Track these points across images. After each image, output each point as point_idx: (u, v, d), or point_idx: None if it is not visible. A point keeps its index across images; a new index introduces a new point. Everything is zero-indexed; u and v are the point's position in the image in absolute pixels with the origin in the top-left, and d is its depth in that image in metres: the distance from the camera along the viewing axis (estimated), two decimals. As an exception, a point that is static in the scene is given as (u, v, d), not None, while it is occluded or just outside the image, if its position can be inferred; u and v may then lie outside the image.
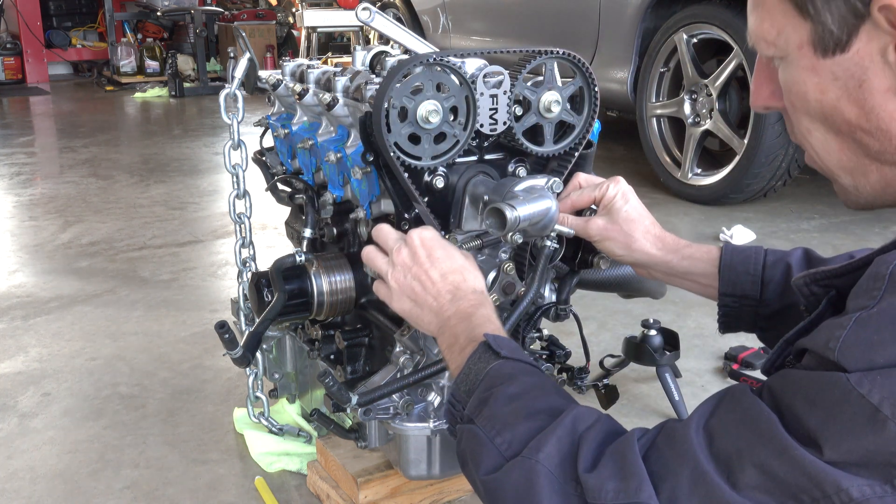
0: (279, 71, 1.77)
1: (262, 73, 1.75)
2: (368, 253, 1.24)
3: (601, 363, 2.14)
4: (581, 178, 1.37)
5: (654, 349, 1.96)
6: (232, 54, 1.68)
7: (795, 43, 0.82)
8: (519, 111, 1.31)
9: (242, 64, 1.60)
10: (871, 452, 0.71)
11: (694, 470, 0.80)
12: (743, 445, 0.78)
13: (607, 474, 0.83)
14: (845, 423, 0.72)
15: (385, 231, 1.23)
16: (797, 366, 0.81)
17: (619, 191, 1.30)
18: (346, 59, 6.00)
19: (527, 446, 0.89)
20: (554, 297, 1.49)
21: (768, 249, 1.26)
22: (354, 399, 1.26)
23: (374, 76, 1.45)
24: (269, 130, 1.76)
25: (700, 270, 1.27)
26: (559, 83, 1.32)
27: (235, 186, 1.67)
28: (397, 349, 1.42)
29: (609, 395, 1.91)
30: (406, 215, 1.32)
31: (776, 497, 0.75)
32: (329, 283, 1.48)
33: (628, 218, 1.28)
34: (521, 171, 1.37)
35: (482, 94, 1.27)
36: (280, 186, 1.73)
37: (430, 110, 1.23)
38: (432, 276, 1.15)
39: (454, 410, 1.02)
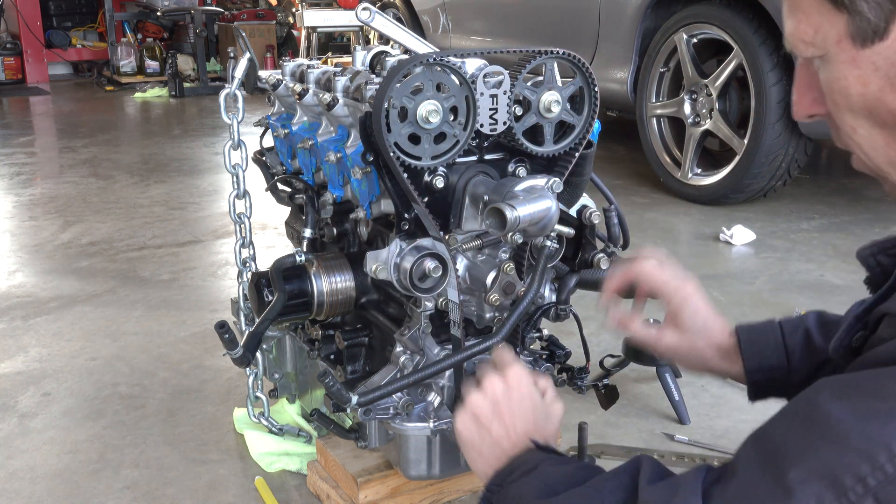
0: (279, 71, 1.77)
1: (262, 73, 1.75)
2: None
3: (601, 363, 2.14)
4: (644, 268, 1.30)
5: (654, 349, 1.95)
6: (232, 54, 1.68)
7: (834, 38, 0.81)
8: (519, 111, 1.31)
9: (242, 64, 1.61)
10: None
11: (742, 479, 0.78)
12: (789, 436, 0.76)
13: (661, 488, 0.83)
14: None
15: (499, 355, 1.17)
16: (871, 341, 0.79)
17: (691, 301, 1.25)
18: (346, 59, 6.00)
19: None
20: (554, 297, 1.49)
21: (781, 320, 1.25)
22: (354, 399, 1.26)
23: (374, 76, 1.45)
24: (269, 130, 1.76)
25: (724, 367, 1.27)
26: (559, 83, 1.32)
27: (235, 186, 1.67)
28: (397, 349, 1.42)
29: (609, 395, 1.91)
30: (406, 215, 1.32)
31: (819, 489, 0.72)
32: (329, 283, 1.48)
33: (694, 328, 1.25)
34: (521, 171, 1.37)
35: (482, 94, 1.27)
36: (280, 186, 1.73)
37: (430, 110, 1.23)
38: (517, 425, 1.07)
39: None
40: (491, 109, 1.28)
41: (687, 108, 3.72)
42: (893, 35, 0.77)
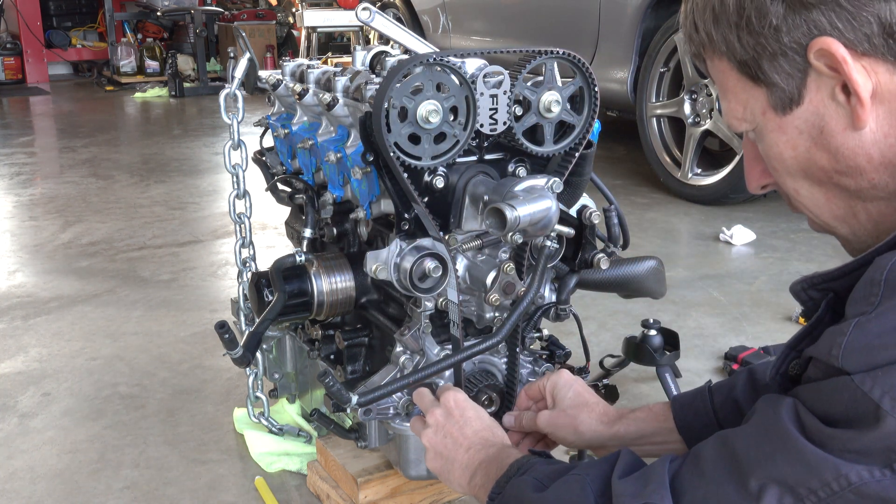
0: (279, 71, 1.77)
1: (262, 73, 1.75)
2: (414, 424, 1.31)
3: (601, 363, 2.14)
4: (525, 386, 1.42)
5: (654, 349, 1.96)
6: (232, 54, 1.68)
7: (759, 111, 0.89)
8: (519, 111, 1.31)
9: (242, 64, 1.61)
10: (872, 442, 0.74)
11: (711, 482, 0.85)
12: (751, 444, 0.83)
13: (632, 480, 0.91)
14: (851, 420, 0.76)
15: (421, 394, 1.31)
16: (804, 379, 0.85)
17: (562, 380, 1.34)
18: (346, 59, 6.00)
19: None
20: (554, 297, 1.49)
21: (712, 388, 1.25)
22: (354, 399, 1.26)
23: (374, 76, 1.45)
24: (269, 130, 1.76)
25: (652, 430, 1.27)
26: (559, 83, 1.32)
27: (235, 186, 1.67)
28: (397, 349, 1.42)
29: (609, 395, 1.91)
30: (406, 215, 1.32)
31: (779, 492, 0.79)
32: (329, 283, 1.48)
33: (572, 404, 1.31)
34: (521, 171, 1.36)
35: (482, 94, 1.26)
36: (280, 186, 1.73)
37: (430, 110, 1.23)
38: (466, 432, 1.20)
39: None
40: (491, 109, 1.28)
41: (687, 108, 3.72)
42: (807, 99, 0.86)
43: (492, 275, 1.35)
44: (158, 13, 8.56)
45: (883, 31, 0.80)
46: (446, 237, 1.33)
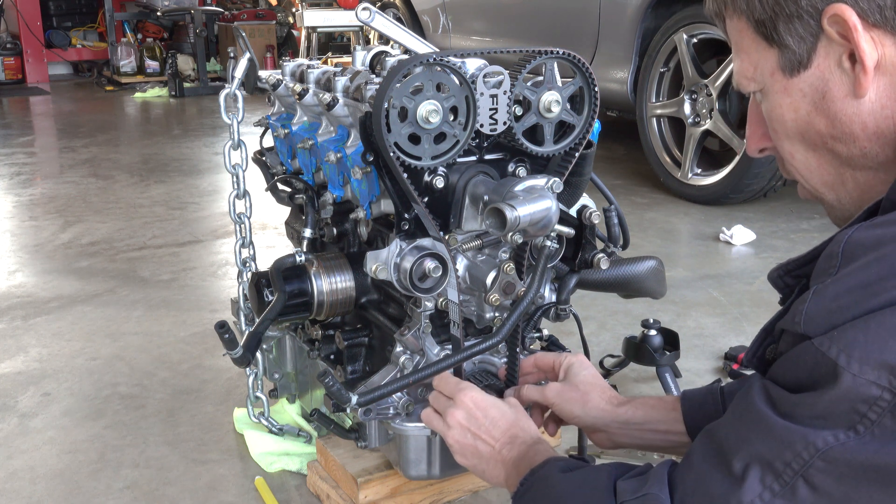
0: (279, 71, 1.77)
1: (262, 73, 1.75)
2: (427, 416, 1.32)
3: (601, 363, 2.14)
4: (538, 354, 1.44)
5: (654, 349, 1.96)
6: (232, 54, 1.68)
7: (768, 71, 0.93)
8: (519, 111, 1.31)
9: (242, 64, 1.61)
10: (832, 404, 0.77)
11: (699, 472, 0.88)
12: (730, 430, 0.87)
13: (634, 481, 0.95)
14: (814, 383, 0.79)
15: (436, 396, 1.31)
16: (778, 354, 0.88)
17: (578, 360, 1.36)
18: (346, 59, 6.00)
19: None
20: (554, 297, 1.49)
21: (724, 389, 1.26)
22: (354, 399, 1.26)
23: (374, 76, 1.45)
24: (269, 130, 1.76)
25: (659, 417, 1.29)
26: (559, 83, 1.32)
27: (235, 186, 1.67)
28: (397, 349, 1.42)
29: (609, 395, 1.91)
30: (406, 215, 1.32)
31: (760, 470, 0.82)
32: (329, 283, 1.48)
33: (585, 381, 1.33)
34: (521, 171, 1.37)
35: (482, 94, 1.26)
36: (280, 186, 1.73)
37: (430, 110, 1.23)
38: (493, 433, 1.21)
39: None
40: (491, 109, 1.28)
41: (687, 108, 3.72)
42: (815, 64, 0.89)
43: (492, 275, 1.35)
44: (158, 13, 8.55)
45: None
46: (446, 237, 1.33)
